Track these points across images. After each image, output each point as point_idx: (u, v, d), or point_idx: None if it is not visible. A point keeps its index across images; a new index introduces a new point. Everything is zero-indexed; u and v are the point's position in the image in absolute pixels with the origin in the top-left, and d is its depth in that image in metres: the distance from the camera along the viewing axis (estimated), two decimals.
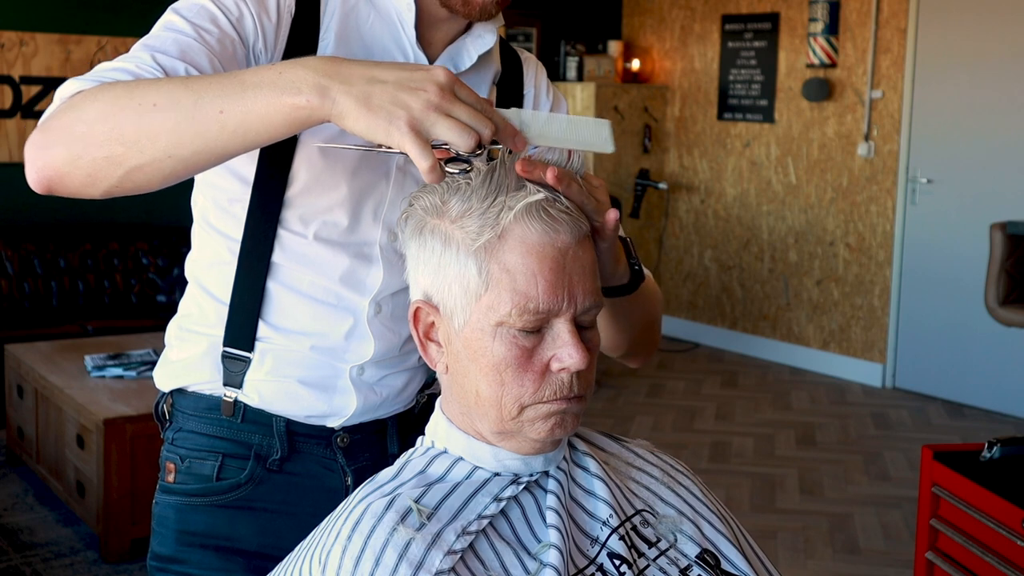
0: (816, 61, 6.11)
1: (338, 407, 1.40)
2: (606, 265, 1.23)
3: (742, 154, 6.63)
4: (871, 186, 6.01)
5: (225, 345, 1.37)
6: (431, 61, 1.36)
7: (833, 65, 6.09)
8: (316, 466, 1.41)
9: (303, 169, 1.31)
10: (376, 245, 1.36)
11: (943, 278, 5.72)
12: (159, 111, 1.07)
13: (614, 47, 7.00)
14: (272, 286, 1.35)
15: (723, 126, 6.71)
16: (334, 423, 1.40)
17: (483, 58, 1.41)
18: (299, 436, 1.40)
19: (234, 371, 1.37)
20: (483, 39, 1.40)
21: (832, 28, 6.04)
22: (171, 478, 1.41)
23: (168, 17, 1.24)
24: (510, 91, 1.47)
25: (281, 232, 1.34)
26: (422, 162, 1.03)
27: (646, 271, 1.35)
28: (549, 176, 1.11)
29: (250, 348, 1.36)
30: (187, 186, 1.34)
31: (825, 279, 6.28)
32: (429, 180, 1.05)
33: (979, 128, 5.56)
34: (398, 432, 1.44)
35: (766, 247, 6.57)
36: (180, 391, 1.42)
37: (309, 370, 1.38)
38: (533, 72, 1.51)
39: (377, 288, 1.37)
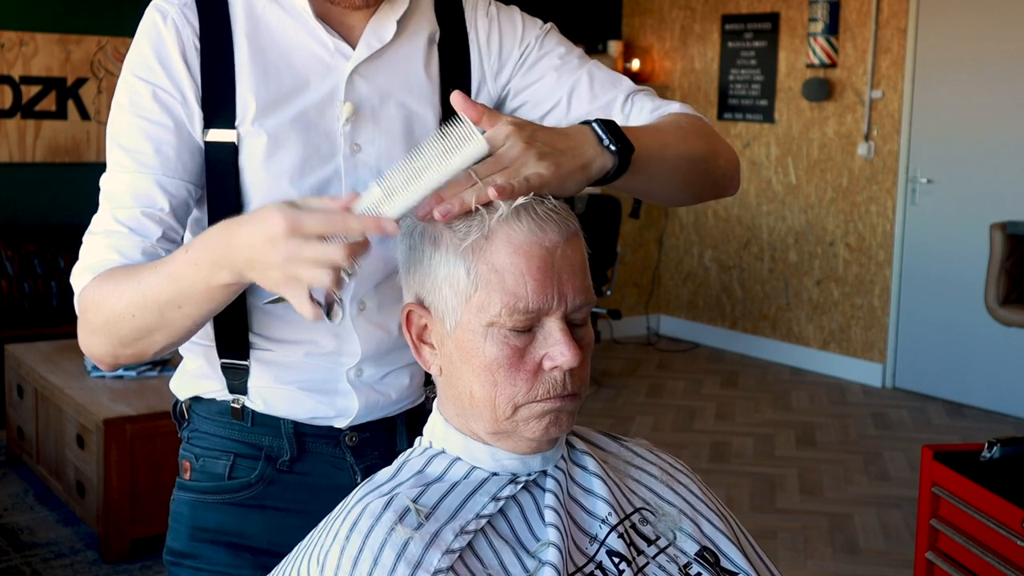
0: (816, 61, 6.11)
1: (342, 409, 1.40)
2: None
3: (742, 154, 6.62)
4: (871, 186, 6.01)
5: (220, 356, 1.39)
6: (353, 44, 1.34)
7: (833, 65, 6.08)
8: (326, 465, 1.41)
9: (252, 191, 1.32)
10: None
11: (943, 278, 5.71)
12: (139, 317, 1.23)
13: (614, 47, 6.99)
14: (254, 302, 1.36)
15: (723, 126, 6.71)
16: (341, 423, 1.41)
17: (409, 23, 1.38)
18: (308, 437, 1.41)
19: (235, 379, 1.39)
20: (399, 2, 1.36)
21: (832, 28, 6.04)
22: (187, 476, 1.44)
23: (113, 155, 1.30)
24: (454, 51, 1.41)
25: None
26: (305, 312, 1.10)
27: (639, 141, 1.21)
28: (492, 193, 1.07)
29: (244, 356, 1.38)
30: None
31: (825, 279, 6.28)
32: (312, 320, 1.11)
33: (979, 128, 5.56)
34: (407, 428, 1.45)
35: (766, 247, 6.56)
36: (196, 398, 1.45)
37: (308, 375, 1.38)
38: (472, 15, 1.42)
39: (354, 285, 1.36)
